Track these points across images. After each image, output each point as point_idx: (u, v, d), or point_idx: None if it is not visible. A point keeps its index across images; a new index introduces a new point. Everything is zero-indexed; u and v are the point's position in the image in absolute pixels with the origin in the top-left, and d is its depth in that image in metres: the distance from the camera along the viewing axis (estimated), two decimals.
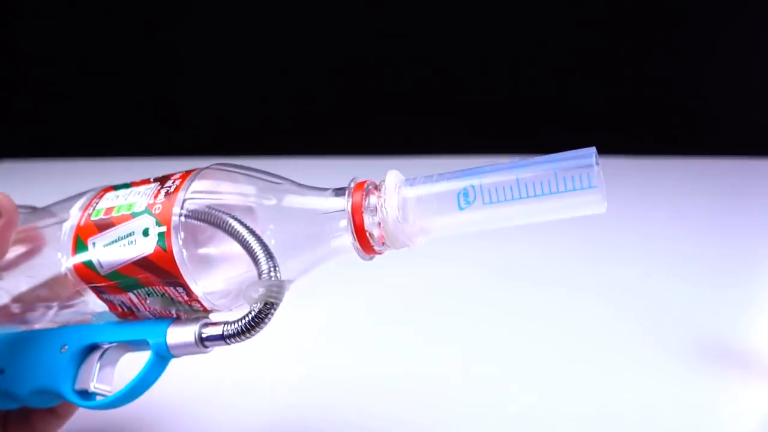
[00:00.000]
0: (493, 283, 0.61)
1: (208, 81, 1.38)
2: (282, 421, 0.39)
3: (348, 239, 0.26)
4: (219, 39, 1.36)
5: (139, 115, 1.36)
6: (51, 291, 0.31)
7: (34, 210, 0.33)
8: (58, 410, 0.32)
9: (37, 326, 0.32)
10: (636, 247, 0.70)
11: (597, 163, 0.23)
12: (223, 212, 0.26)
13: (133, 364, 0.28)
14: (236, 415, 0.39)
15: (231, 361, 0.45)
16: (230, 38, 1.35)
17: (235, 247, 0.26)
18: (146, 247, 0.26)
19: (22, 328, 0.32)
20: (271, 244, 0.26)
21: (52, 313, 0.32)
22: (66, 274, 0.29)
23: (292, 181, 0.28)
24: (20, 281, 0.31)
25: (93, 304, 0.30)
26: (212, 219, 0.26)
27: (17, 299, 0.32)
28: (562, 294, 0.57)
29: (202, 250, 0.26)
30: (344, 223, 0.26)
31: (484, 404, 0.40)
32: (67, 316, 0.32)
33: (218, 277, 0.27)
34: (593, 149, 0.23)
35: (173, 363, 0.28)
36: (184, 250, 0.25)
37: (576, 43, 1.24)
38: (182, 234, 0.26)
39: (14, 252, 0.31)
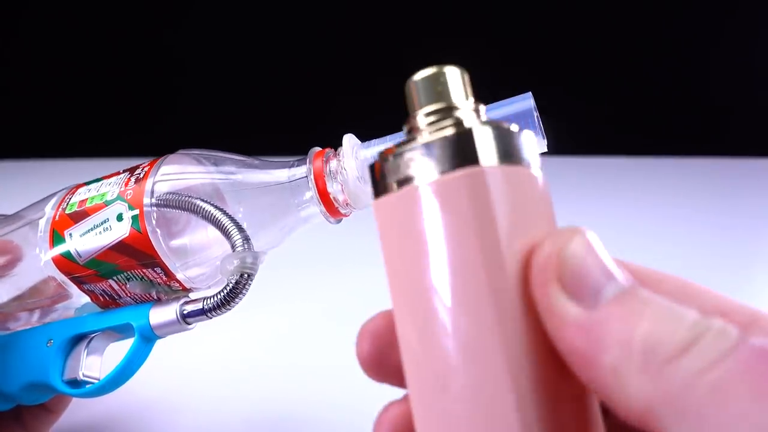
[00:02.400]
0: None
1: (206, 81, 1.38)
2: (267, 412, 0.40)
3: (314, 206, 0.28)
4: (215, 40, 1.37)
5: (138, 115, 1.36)
6: (35, 294, 0.31)
7: (4, 218, 0.33)
8: (50, 406, 0.32)
9: (19, 329, 0.33)
10: (635, 246, 0.68)
11: (535, 107, 0.24)
12: (191, 195, 0.27)
13: (120, 352, 0.29)
14: (220, 407, 0.40)
15: (215, 357, 0.46)
16: (224, 38, 1.36)
17: (208, 225, 0.27)
18: (121, 231, 0.27)
19: (9, 331, 0.33)
20: (243, 223, 0.27)
21: (37, 315, 0.33)
22: (49, 274, 0.30)
23: (256, 158, 0.29)
24: (4, 290, 0.32)
25: (76, 299, 0.31)
26: (181, 200, 0.27)
27: (2, 307, 0.32)
28: None
29: (175, 229, 0.27)
30: (310, 194, 0.27)
31: None
32: (52, 315, 0.32)
33: (194, 253, 0.28)
34: (529, 94, 0.25)
35: (157, 361, 0.29)
36: (158, 230, 0.27)
37: (575, 42, 1.26)
38: (155, 215, 0.27)
39: None
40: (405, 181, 0.15)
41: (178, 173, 0.28)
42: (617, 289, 0.14)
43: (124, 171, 0.30)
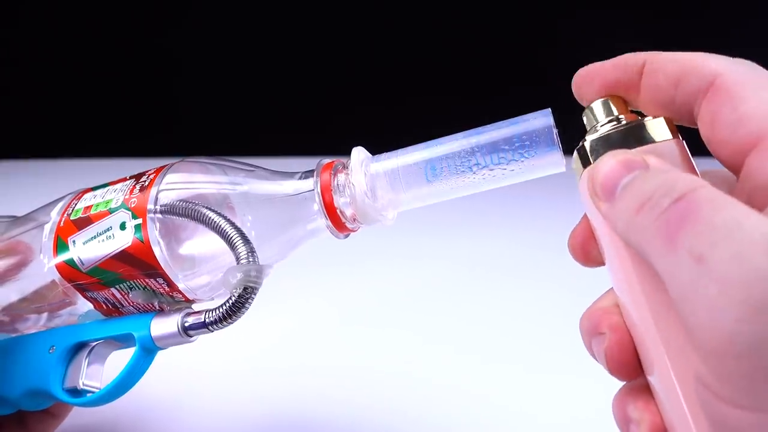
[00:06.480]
0: (477, 281, 0.60)
1: (206, 82, 1.39)
2: (271, 414, 0.40)
3: (321, 220, 0.27)
4: (216, 40, 1.38)
5: (138, 115, 1.37)
6: (40, 298, 0.31)
7: (15, 219, 0.33)
8: (53, 410, 0.32)
9: (27, 332, 0.32)
10: None
11: (554, 124, 0.23)
12: (196, 203, 0.26)
13: (123, 361, 0.28)
14: (225, 408, 0.40)
15: (220, 358, 0.45)
16: (226, 39, 1.37)
17: (212, 235, 0.26)
18: (124, 240, 0.26)
19: (13, 335, 0.32)
20: (250, 234, 0.26)
21: (42, 319, 0.32)
22: (53, 280, 0.29)
23: (264, 168, 0.28)
24: (10, 292, 0.32)
25: (80, 306, 0.31)
26: (186, 210, 0.26)
27: (7, 309, 0.32)
28: (561, 294, 0.54)
29: (179, 240, 0.27)
30: (317, 206, 0.27)
31: (466, 399, 0.40)
32: (56, 320, 0.32)
33: (197, 265, 0.27)
34: (549, 110, 0.23)
35: (162, 362, 0.29)
36: (160, 240, 0.26)
37: (573, 42, 1.24)
38: (158, 225, 0.26)
39: (2, 264, 0.31)
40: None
41: (184, 182, 0.27)
42: (626, 181, 0.18)
43: (130, 177, 0.29)
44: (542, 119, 0.23)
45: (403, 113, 1.21)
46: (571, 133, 0.25)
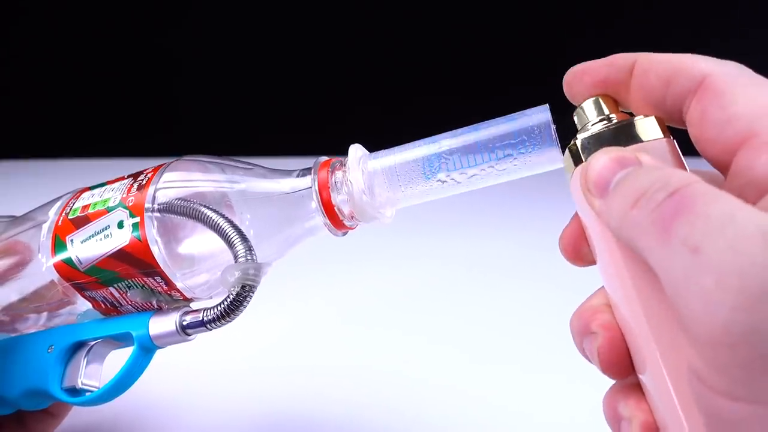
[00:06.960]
0: (475, 281, 0.60)
1: (206, 82, 1.39)
2: (271, 412, 0.40)
3: (319, 218, 0.27)
4: (216, 40, 1.38)
5: (138, 115, 1.37)
6: (39, 297, 0.31)
7: (14, 219, 0.33)
8: (53, 410, 0.32)
9: (26, 332, 0.32)
10: None
11: (552, 120, 0.23)
12: (194, 201, 0.26)
13: (121, 360, 0.28)
14: (225, 407, 0.40)
15: (220, 357, 0.45)
16: (226, 39, 1.37)
17: (210, 233, 0.26)
18: (122, 238, 0.26)
19: (13, 334, 0.32)
20: (248, 233, 0.26)
21: (42, 318, 0.32)
22: (52, 279, 0.29)
23: (261, 167, 0.28)
24: (10, 292, 0.32)
25: (80, 304, 0.31)
26: (184, 208, 0.26)
27: (7, 309, 0.32)
28: (558, 294, 0.53)
29: (177, 238, 0.27)
30: (314, 204, 0.27)
31: (464, 398, 0.40)
32: (56, 320, 0.32)
33: (195, 263, 0.27)
34: (546, 106, 0.23)
35: (161, 361, 0.29)
36: (158, 238, 0.26)
37: (573, 42, 1.24)
38: (156, 223, 0.26)
39: (1, 264, 0.31)
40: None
41: (182, 180, 0.27)
42: (619, 177, 0.18)
43: (128, 176, 0.29)
44: (540, 115, 0.23)
45: (402, 113, 1.21)
46: (570, 131, 0.25)
